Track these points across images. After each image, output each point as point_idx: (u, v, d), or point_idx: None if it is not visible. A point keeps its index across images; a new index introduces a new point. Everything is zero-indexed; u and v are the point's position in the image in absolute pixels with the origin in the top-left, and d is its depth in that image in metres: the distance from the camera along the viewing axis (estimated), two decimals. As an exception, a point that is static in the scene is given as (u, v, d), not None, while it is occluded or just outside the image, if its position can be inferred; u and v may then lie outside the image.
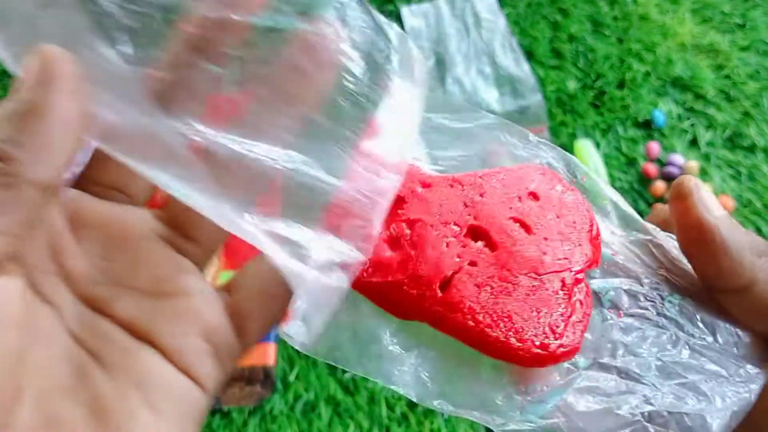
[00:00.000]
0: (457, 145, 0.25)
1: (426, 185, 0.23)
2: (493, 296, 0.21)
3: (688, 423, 0.21)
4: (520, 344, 0.20)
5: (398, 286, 0.21)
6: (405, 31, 0.76)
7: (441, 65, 0.72)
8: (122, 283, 0.20)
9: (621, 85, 0.70)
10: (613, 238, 0.24)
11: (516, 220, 0.23)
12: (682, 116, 0.68)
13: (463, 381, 0.21)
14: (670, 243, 0.24)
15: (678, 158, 0.64)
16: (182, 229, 0.22)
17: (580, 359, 0.22)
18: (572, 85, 0.70)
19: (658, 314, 0.23)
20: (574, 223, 0.23)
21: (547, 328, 0.21)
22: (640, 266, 0.23)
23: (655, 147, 0.65)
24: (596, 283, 0.23)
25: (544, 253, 0.22)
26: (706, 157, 0.65)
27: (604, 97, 0.69)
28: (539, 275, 0.22)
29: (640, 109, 0.68)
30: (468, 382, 0.21)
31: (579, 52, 0.72)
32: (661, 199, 0.62)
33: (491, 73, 0.72)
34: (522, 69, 0.71)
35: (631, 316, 0.23)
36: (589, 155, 0.63)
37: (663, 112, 0.68)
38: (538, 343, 0.21)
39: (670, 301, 0.23)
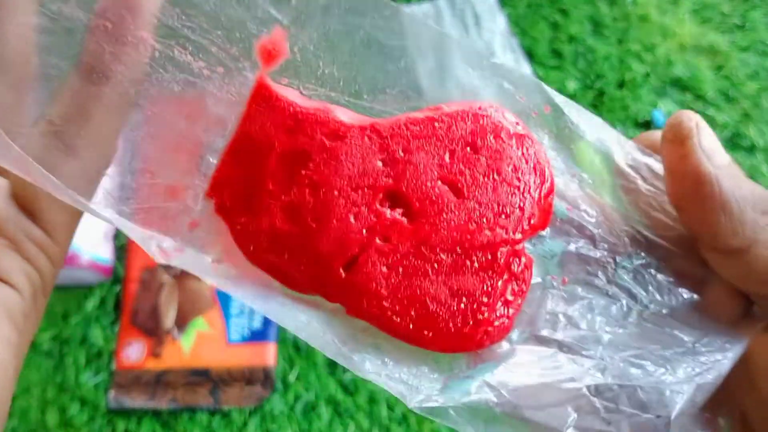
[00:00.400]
0: (387, 71, 0.20)
1: (337, 136, 0.19)
2: (406, 278, 0.18)
3: (642, 397, 0.19)
4: (432, 334, 0.18)
5: (296, 266, 0.18)
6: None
7: (441, 65, 0.72)
8: None
9: (621, 85, 0.70)
10: (572, 184, 0.20)
11: (445, 180, 0.19)
12: (682, 117, 0.68)
13: (374, 350, 0.19)
14: (649, 184, 0.21)
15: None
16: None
17: (514, 332, 0.19)
18: (572, 85, 0.70)
19: (609, 281, 0.20)
20: (519, 180, 0.19)
21: (468, 313, 0.18)
22: (599, 222, 0.20)
23: (654, 147, 0.65)
24: (541, 244, 0.20)
25: (475, 222, 0.18)
26: (706, 158, 0.65)
27: (603, 97, 0.69)
28: (466, 251, 0.18)
29: (639, 110, 0.68)
30: (380, 352, 0.19)
31: (579, 53, 0.73)
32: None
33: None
34: (522, 69, 0.71)
35: (578, 283, 0.20)
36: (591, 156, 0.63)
37: (663, 112, 0.68)
38: (454, 330, 0.18)
39: (624, 267, 0.20)
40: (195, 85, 0.19)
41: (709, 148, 0.19)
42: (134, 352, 0.56)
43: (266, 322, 0.56)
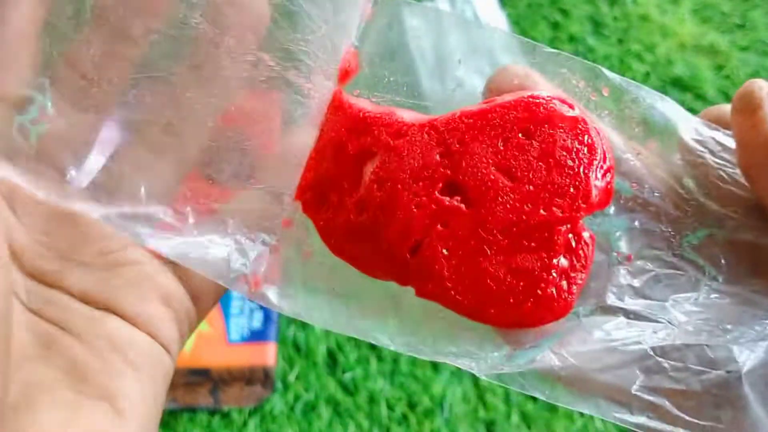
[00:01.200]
0: (441, 74, 0.22)
1: (399, 135, 0.21)
2: (465, 259, 0.19)
3: (710, 355, 0.19)
4: (495, 310, 0.19)
5: (370, 254, 0.20)
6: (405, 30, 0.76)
7: (441, 65, 0.72)
8: (70, 257, 0.20)
9: (621, 85, 0.70)
10: (637, 162, 0.21)
11: (500, 166, 0.20)
12: (682, 116, 0.68)
13: (445, 331, 0.20)
14: (717, 157, 0.21)
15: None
16: None
17: (580, 307, 0.20)
18: (572, 85, 0.70)
19: (674, 255, 0.20)
20: (574, 160, 0.20)
21: (528, 290, 0.19)
22: (664, 197, 0.20)
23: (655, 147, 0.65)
24: (606, 222, 0.20)
25: (530, 204, 0.19)
26: (706, 157, 0.65)
27: (604, 97, 0.69)
28: (522, 231, 0.19)
29: (640, 109, 0.68)
30: (454, 332, 0.20)
31: (579, 52, 0.72)
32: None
33: (491, 73, 0.72)
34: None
35: (644, 258, 0.20)
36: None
37: (663, 112, 0.68)
38: (516, 306, 0.19)
39: (689, 242, 0.20)
40: (301, 104, 0.22)
41: None
42: (134, 352, 0.56)
43: (266, 321, 0.56)
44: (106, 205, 0.20)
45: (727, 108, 0.21)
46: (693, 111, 0.71)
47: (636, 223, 0.20)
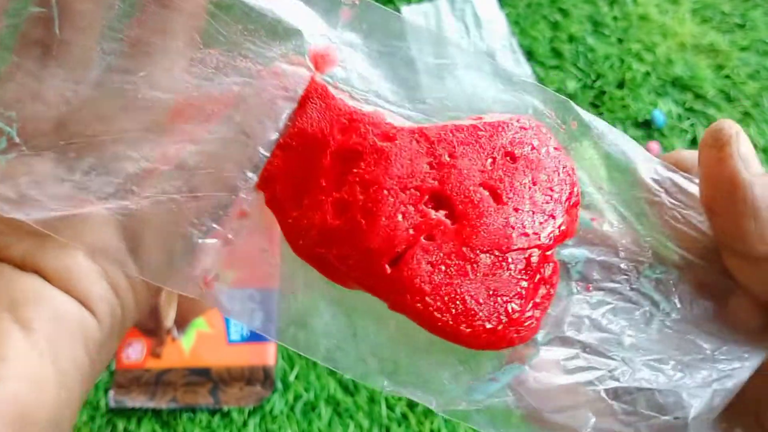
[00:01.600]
0: (434, 84, 0.21)
1: (387, 138, 0.20)
2: (447, 276, 0.19)
3: (660, 400, 0.20)
4: (470, 330, 0.19)
5: (344, 260, 0.19)
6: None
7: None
8: (18, 228, 0.21)
9: (621, 85, 0.70)
10: (599, 196, 0.21)
11: (486, 186, 0.20)
12: (682, 116, 0.68)
13: (408, 357, 0.20)
14: (673, 197, 0.21)
15: (680, 155, 0.64)
16: None
17: (540, 333, 0.20)
18: (572, 85, 0.70)
19: (632, 289, 0.21)
20: (552, 190, 0.20)
21: (502, 313, 0.19)
22: (623, 232, 0.21)
23: (655, 147, 0.65)
24: (567, 252, 0.21)
25: (512, 228, 0.19)
26: (706, 157, 0.65)
27: (604, 97, 0.69)
28: (503, 253, 0.19)
29: (640, 109, 0.68)
30: (413, 358, 0.20)
31: (579, 52, 0.72)
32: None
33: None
34: (522, 70, 0.71)
35: (601, 290, 0.21)
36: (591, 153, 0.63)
37: (663, 112, 0.68)
38: (490, 327, 0.19)
39: (646, 276, 0.21)
40: (252, 85, 0.21)
41: (746, 156, 0.20)
42: (134, 352, 0.56)
43: (266, 321, 0.56)
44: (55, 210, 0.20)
45: (686, 153, 0.22)
46: (693, 111, 0.71)
47: (594, 254, 0.21)
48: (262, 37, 0.21)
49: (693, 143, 0.66)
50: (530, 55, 0.73)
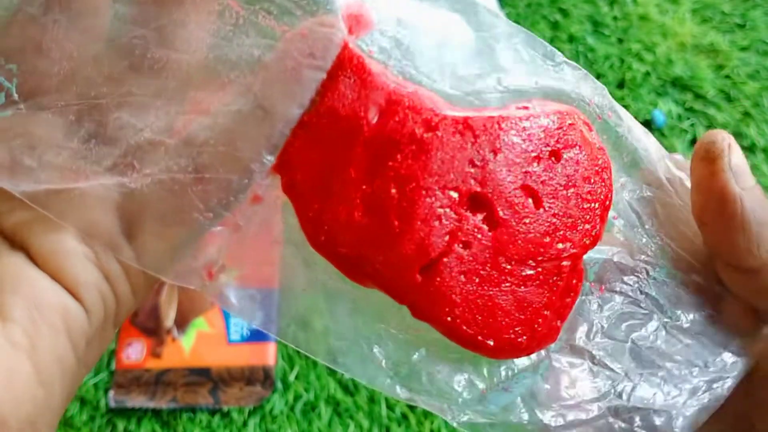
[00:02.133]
0: (472, 59, 0.19)
1: (429, 127, 0.18)
2: (479, 287, 0.17)
3: (653, 419, 0.20)
4: (494, 342, 0.18)
5: (369, 262, 0.17)
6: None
7: (441, 65, 0.72)
8: (13, 197, 0.18)
9: (621, 85, 0.70)
10: (620, 194, 0.21)
11: (527, 189, 0.18)
12: (682, 116, 0.68)
13: (423, 363, 0.19)
14: (680, 198, 0.21)
15: (678, 158, 0.64)
16: None
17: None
18: (572, 85, 0.70)
19: (641, 292, 0.20)
20: (590, 193, 0.19)
21: (529, 324, 0.18)
22: (638, 231, 0.21)
23: (655, 147, 0.65)
24: (586, 254, 0.20)
25: (549, 236, 0.18)
26: (706, 157, 0.65)
27: (604, 97, 0.69)
28: (537, 263, 0.18)
29: (640, 109, 0.68)
30: (427, 364, 0.19)
31: (579, 52, 0.72)
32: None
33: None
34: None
35: (613, 291, 0.20)
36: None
37: (663, 112, 0.68)
38: (515, 340, 0.18)
39: (654, 278, 0.21)
40: (275, 50, 0.18)
41: (738, 168, 0.20)
42: (134, 352, 0.56)
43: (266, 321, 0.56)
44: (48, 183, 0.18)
45: (681, 159, 0.22)
46: (693, 111, 0.71)
47: (611, 255, 0.20)
48: None
49: (693, 143, 0.66)
50: (530, 55, 0.73)
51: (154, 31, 0.18)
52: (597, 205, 0.19)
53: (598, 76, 0.70)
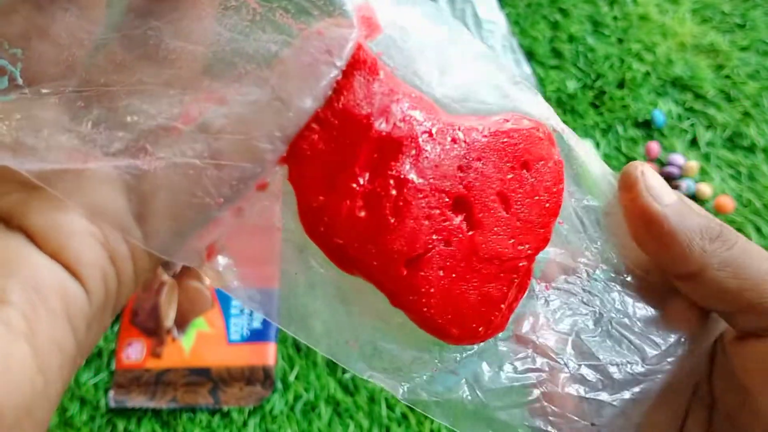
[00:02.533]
0: (459, 70, 0.21)
1: (429, 133, 0.19)
2: (453, 282, 0.19)
3: (584, 406, 0.22)
4: (458, 331, 0.20)
5: (362, 253, 0.19)
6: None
7: (441, 65, 0.72)
8: (9, 179, 0.18)
9: (621, 85, 0.70)
10: (567, 202, 0.23)
11: (501, 195, 0.20)
12: (682, 116, 0.68)
13: (386, 345, 0.20)
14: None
15: (678, 158, 0.64)
16: None
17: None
18: (572, 85, 0.70)
19: (584, 290, 0.23)
20: (548, 202, 0.21)
21: (488, 316, 0.20)
22: (580, 236, 0.23)
23: (655, 147, 0.65)
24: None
25: (514, 237, 0.20)
26: (706, 157, 0.65)
27: (604, 97, 0.69)
28: (501, 263, 0.20)
29: (640, 109, 0.68)
30: (390, 346, 0.20)
31: (579, 52, 0.72)
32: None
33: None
34: (522, 70, 0.71)
35: (558, 289, 0.22)
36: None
37: (663, 112, 0.68)
38: (476, 329, 0.20)
39: (595, 279, 0.23)
40: (292, 46, 0.19)
41: (655, 189, 0.22)
42: (134, 352, 0.56)
43: (266, 321, 0.56)
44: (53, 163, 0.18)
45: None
46: (693, 111, 0.71)
47: (555, 255, 0.22)
48: None
49: (693, 143, 0.66)
50: (530, 55, 0.73)
51: (168, 23, 0.18)
52: (551, 213, 0.21)
53: (598, 76, 0.70)
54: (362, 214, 0.19)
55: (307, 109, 0.19)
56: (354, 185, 0.19)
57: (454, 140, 0.20)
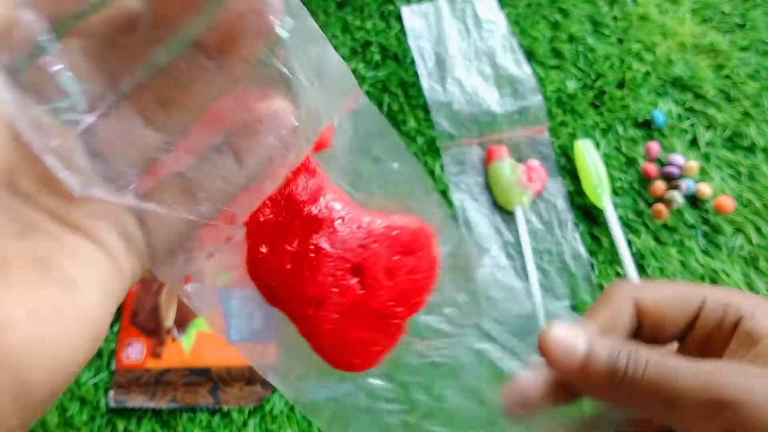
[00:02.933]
0: (373, 176, 0.29)
1: (342, 219, 0.27)
2: (346, 323, 0.26)
3: None
4: (344, 363, 0.27)
5: (284, 293, 0.26)
6: (405, 31, 0.76)
7: (441, 65, 0.72)
8: (46, 183, 0.21)
9: (621, 85, 0.70)
10: (448, 282, 0.29)
11: (388, 270, 0.27)
12: (682, 116, 0.68)
13: (303, 369, 0.28)
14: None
15: (678, 158, 0.64)
16: None
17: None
18: (572, 85, 0.70)
19: (452, 350, 0.29)
20: (425, 280, 0.29)
21: (371, 353, 0.27)
22: (458, 311, 0.29)
23: (655, 147, 0.65)
24: (414, 316, 0.28)
25: (393, 300, 0.27)
26: (706, 157, 0.65)
27: (604, 97, 0.69)
28: (383, 316, 0.27)
29: (640, 109, 0.68)
30: (302, 369, 0.28)
31: (579, 52, 0.72)
32: (660, 199, 0.62)
33: (491, 73, 0.72)
34: (522, 70, 0.71)
35: (429, 347, 0.29)
36: (588, 155, 0.63)
37: (663, 112, 0.68)
38: (359, 363, 0.27)
39: (467, 344, 0.29)
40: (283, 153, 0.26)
41: (565, 342, 0.25)
42: (134, 352, 0.56)
43: (266, 321, 0.56)
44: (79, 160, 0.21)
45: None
46: (693, 111, 0.71)
47: (430, 320, 0.29)
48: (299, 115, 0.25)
49: (693, 143, 0.66)
50: (530, 55, 0.73)
51: (197, 52, 0.23)
52: (426, 288, 0.28)
53: (598, 76, 0.70)
54: (289, 266, 0.26)
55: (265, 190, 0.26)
56: (287, 246, 0.26)
57: (359, 226, 0.27)
